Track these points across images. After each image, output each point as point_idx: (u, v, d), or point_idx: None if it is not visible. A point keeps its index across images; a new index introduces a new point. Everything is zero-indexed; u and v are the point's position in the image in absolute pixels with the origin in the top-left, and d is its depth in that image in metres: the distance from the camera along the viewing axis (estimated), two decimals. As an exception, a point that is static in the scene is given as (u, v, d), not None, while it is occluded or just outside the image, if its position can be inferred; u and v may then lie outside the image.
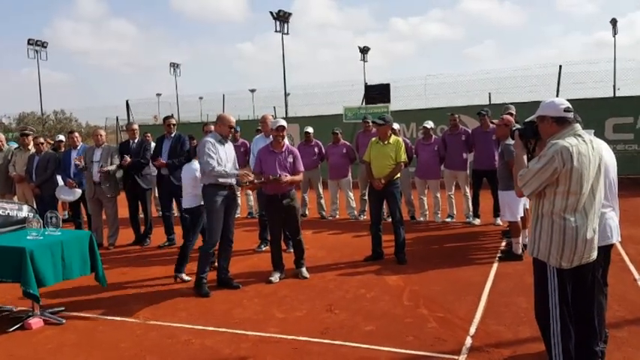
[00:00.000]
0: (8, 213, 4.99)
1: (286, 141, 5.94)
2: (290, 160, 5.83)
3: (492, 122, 6.90)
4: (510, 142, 6.09)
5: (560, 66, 14.45)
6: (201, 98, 28.84)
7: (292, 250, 6.25)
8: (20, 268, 4.38)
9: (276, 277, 5.82)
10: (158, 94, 38.46)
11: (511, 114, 7.28)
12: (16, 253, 4.41)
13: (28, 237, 4.70)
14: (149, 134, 9.54)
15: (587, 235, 3.03)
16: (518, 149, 3.32)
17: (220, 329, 4.46)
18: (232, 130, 5.64)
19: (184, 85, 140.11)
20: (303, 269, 5.97)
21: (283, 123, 5.80)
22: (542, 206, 3.10)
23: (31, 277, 4.37)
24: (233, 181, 5.54)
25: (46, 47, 40.84)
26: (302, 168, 5.96)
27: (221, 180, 5.41)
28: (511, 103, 9.41)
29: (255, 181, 5.68)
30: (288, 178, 5.70)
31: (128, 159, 7.63)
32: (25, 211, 5.12)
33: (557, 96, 14.14)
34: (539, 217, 3.12)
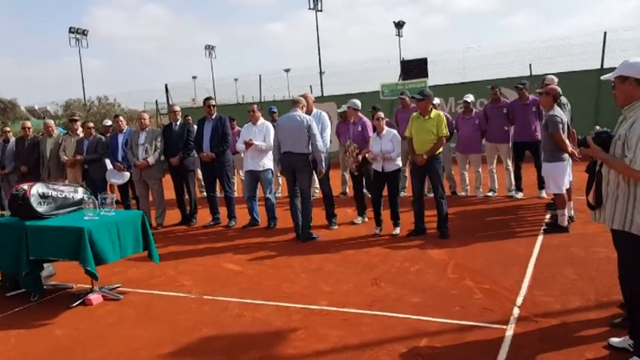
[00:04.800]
0: (65, 195, 5.22)
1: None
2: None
3: (537, 91, 6.73)
4: (555, 112, 5.98)
5: (605, 32, 13.89)
6: (236, 80, 29.04)
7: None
8: (79, 248, 4.61)
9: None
10: (194, 77, 38.99)
11: (547, 85, 7.09)
12: (75, 233, 4.63)
13: (85, 217, 4.92)
14: (189, 117, 9.75)
15: None
16: (601, 153, 3.12)
17: (270, 302, 4.61)
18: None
19: (218, 68, 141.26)
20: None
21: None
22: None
23: (89, 255, 4.59)
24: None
25: (86, 35, 41.92)
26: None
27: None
28: (553, 74, 9.17)
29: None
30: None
31: (176, 160, 7.85)
32: (80, 193, 5.35)
33: (602, 64, 13.66)
34: (632, 189, 2.98)
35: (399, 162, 6.81)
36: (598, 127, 3.20)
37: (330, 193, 7.42)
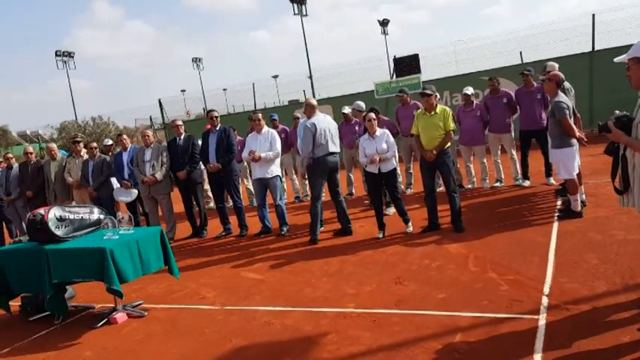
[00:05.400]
0: (82, 217, 5.21)
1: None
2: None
3: (540, 78, 6.76)
4: (560, 98, 6.02)
5: (594, 15, 13.96)
6: (225, 90, 29.02)
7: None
8: (101, 267, 4.60)
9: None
10: (182, 91, 38.99)
11: (548, 72, 7.13)
12: (97, 253, 4.63)
13: (105, 237, 4.92)
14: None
15: None
16: (624, 137, 3.14)
17: (297, 308, 4.62)
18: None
19: (206, 79, 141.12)
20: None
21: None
22: None
23: (113, 274, 4.58)
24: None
25: (73, 57, 41.90)
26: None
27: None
28: (544, 60, 9.22)
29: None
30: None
31: (183, 174, 7.83)
32: (96, 214, 5.34)
33: (593, 47, 13.73)
34: None
35: (395, 162, 6.73)
36: (617, 112, 3.23)
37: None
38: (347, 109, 9.23)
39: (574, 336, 3.40)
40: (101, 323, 4.90)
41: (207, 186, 9.58)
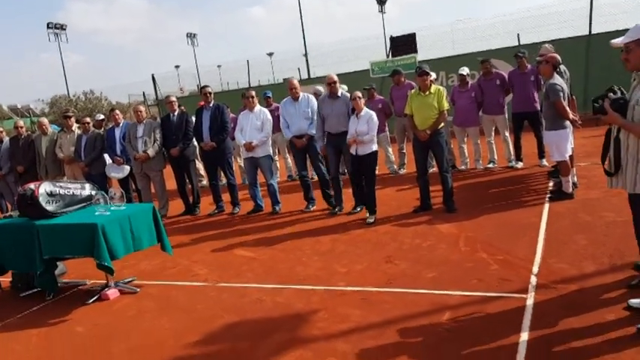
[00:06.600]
0: (73, 192, 5.17)
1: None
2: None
3: (537, 59, 6.72)
4: (555, 80, 6.00)
5: (592, -2, 13.86)
6: (219, 67, 28.73)
7: None
8: (92, 244, 4.59)
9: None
10: (176, 66, 38.58)
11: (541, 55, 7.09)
12: (87, 229, 4.61)
13: (96, 213, 4.90)
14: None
15: None
16: (620, 119, 3.13)
17: (288, 286, 4.64)
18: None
19: (200, 56, 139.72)
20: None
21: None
22: None
23: (104, 250, 4.58)
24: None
25: (65, 30, 41.22)
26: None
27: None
28: (541, 42, 9.16)
29: None
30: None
31: (176, 151, 7.79)
32: (87, 190, 5.30)
33: (590, 30, 13.66)
34: None
35: (375, 146, 6.43)
36: (612, 94, 3.22)
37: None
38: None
39: (561, 315, 3.45)
40: (93, 299, 4.91)
41: (199, 164, 9.55)
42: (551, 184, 6.97)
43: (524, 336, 3.26)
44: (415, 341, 3.41)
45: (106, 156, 8.34)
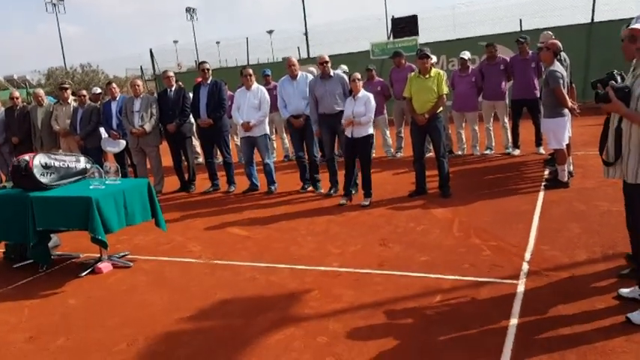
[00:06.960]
0: (68, 165, 5.15)
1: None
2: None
3: (538, 46, 6.66)
4: (556, 67, 5.97)
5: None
6: (218, 43, 28.42)
7: None
8: (86, 217, 4.59)
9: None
10: (175, 41, 38.15)
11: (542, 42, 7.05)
12: (82, 202, 4.60)
13: (91, 187, 4.89)
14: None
15: None
16: (624, 108, 3.08)
17: (281, 265, 4.66)
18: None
19: (199, 31, 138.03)
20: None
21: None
22: None
23: (98, 224, 4.58)
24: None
25: (62, 0, 40.58)
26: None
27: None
28: (543, 29, 9.11)
29: None
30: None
31: (173, 127, 7.73)
32: (82, 163, 5.28)
33: (592, 18, 13.56)
34: None
35: (370, 129, 6.32)
36: (614, 83, 3.19)
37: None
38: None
39: (551, 302, 3.48)
40: (86, 272, 4.92)
41: (196, 141, 9.51)
42: (546, 172, 6.98)
43: (514, 321, 3.28)
44: (405, 322, 3.44)
45: (102, 130, 8.28)
